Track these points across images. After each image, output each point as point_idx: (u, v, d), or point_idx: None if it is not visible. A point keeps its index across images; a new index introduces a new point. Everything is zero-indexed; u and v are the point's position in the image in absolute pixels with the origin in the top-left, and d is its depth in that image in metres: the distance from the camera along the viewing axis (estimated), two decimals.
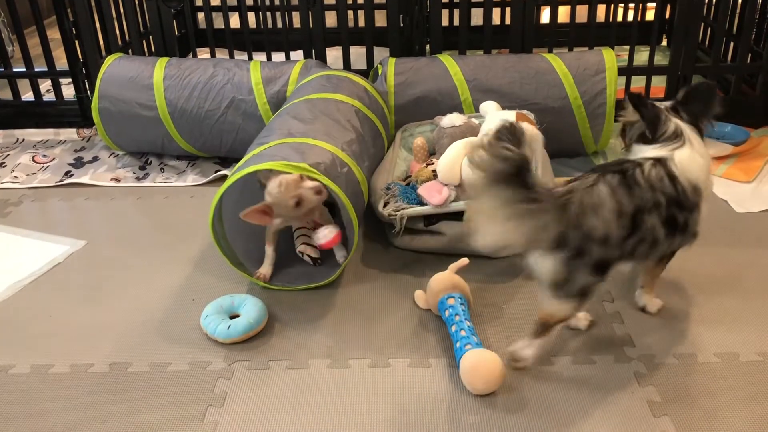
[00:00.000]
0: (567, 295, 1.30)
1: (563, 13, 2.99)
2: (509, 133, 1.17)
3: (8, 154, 2.47)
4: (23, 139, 2.59)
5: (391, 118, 2.21)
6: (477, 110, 2.14)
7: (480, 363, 1.33)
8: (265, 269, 1.71)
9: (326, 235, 1.64)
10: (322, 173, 1.59)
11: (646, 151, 1.38)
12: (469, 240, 1.26)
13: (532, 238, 1.23)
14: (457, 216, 1.75)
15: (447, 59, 2.27)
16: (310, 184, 1.57)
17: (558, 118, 2.17)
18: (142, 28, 2.76)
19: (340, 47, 2.55)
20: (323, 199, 1.60)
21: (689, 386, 1.36)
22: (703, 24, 2.67)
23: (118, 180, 2.26)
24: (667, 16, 3.11)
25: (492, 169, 1.15)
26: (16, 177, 2.30)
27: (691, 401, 1.33)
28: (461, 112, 2.10)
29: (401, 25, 2.46)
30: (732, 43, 2.57)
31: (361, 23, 3.14)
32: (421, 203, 1.78)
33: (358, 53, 2.61)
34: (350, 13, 3.12)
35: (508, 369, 1.39)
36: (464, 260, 1.60)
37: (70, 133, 2.60)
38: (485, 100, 2.12)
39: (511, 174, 1.15)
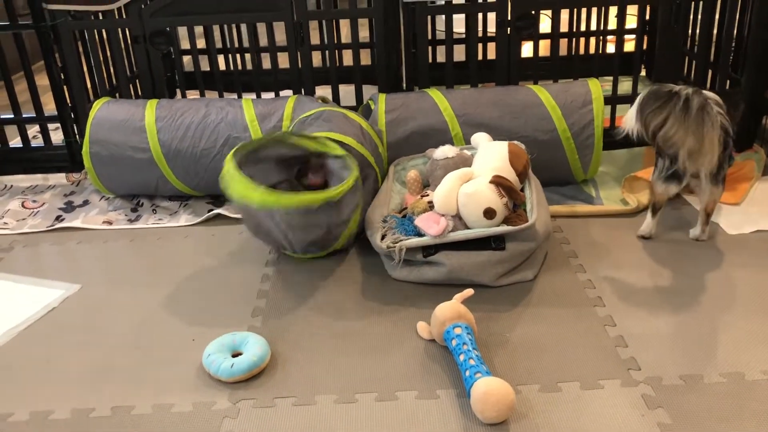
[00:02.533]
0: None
1: (543, 46, 3.06)
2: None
3: None
4: (11, 186, 2.57)
5: (384, 155, 2.22)
6: (468, 143, 2.17)
7: (491, 391, 1.32)
8: None
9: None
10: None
11: None
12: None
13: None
14: (456, 246, 1.76)
15: (436, 94, 2.30)
16: None
17: (547, 150, 2.20)
18: (129, 72, 2.77)
19: (328, 85, 2.58)
20: None
21: (698, 407, 1.37)
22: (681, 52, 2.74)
23: (110, 223, 2.25)
24: (645, 47, 3.20)
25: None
26: (6, 223, 2.27)
27: (701, 422, 1.33)
28: (453, 145, 2.13)
29: (389, 62, 2.50)
30: (710, 71, 2.64)
31: (346, 62, 3.19)
32: (419, 234, 1.79)
33: (345, 90, 2.64)
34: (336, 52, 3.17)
35: (518, 397, 1.39)
36: (469, 291, 1.60)
37: (59, 178, 2.59)
38: (475, 133, 2.15)
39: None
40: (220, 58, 3.04)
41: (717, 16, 2.52)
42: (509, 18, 2.38)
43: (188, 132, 2.21)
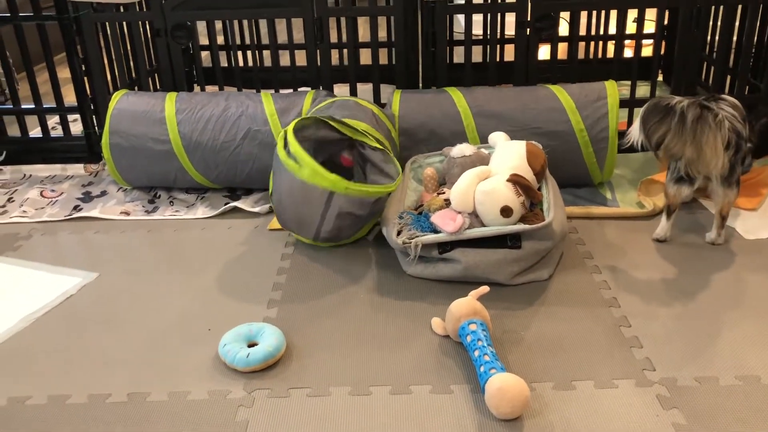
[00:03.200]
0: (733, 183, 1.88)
1: (561, 50, 3.06)
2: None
3: (16, 190, 2.47)
4: (30, 175, 2.60)
5: (397, 140, 2.24)
6: (480, 134, 2.18)
7: (506, 387, 1.33)
8: None
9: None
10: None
11: None
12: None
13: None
14: (472, 243, 1.76)
15: (452, 90, 2.31)
16: None
17: (561, 142, 2.20)
18: (149, 65, 2.79)
19: (346, 83, 2.59)
20: None
21: (714, 409, 1.37)
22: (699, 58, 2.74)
23: (127, 213, 2.26)
24: (662, 52, 3.19)
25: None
26: (24, 211, 2.30)
27: (717, 424, 1.33)
28: (465, 137, 2.14)
29: (408, 61, 2.51)
30: (729, 77, 2.63)
31: (363, 60, 3.20)
32: (435, 231, 1.80)
33: (362, 89, 2.66)
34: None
35: (532, 394, 1.39)
36: (485, 288, 1.60)
37: (77, 169, 2.61)
38: (488, 124, 2.17)
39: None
40: (238, 55, 3.05)
41: (737, 22, 2.52)
42: (529, 19, 2.38)
43: (208, 125, 2.22)
